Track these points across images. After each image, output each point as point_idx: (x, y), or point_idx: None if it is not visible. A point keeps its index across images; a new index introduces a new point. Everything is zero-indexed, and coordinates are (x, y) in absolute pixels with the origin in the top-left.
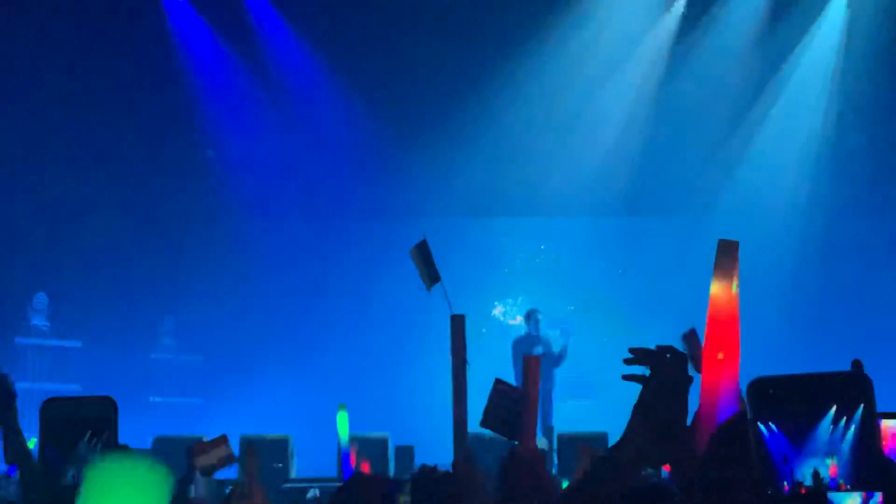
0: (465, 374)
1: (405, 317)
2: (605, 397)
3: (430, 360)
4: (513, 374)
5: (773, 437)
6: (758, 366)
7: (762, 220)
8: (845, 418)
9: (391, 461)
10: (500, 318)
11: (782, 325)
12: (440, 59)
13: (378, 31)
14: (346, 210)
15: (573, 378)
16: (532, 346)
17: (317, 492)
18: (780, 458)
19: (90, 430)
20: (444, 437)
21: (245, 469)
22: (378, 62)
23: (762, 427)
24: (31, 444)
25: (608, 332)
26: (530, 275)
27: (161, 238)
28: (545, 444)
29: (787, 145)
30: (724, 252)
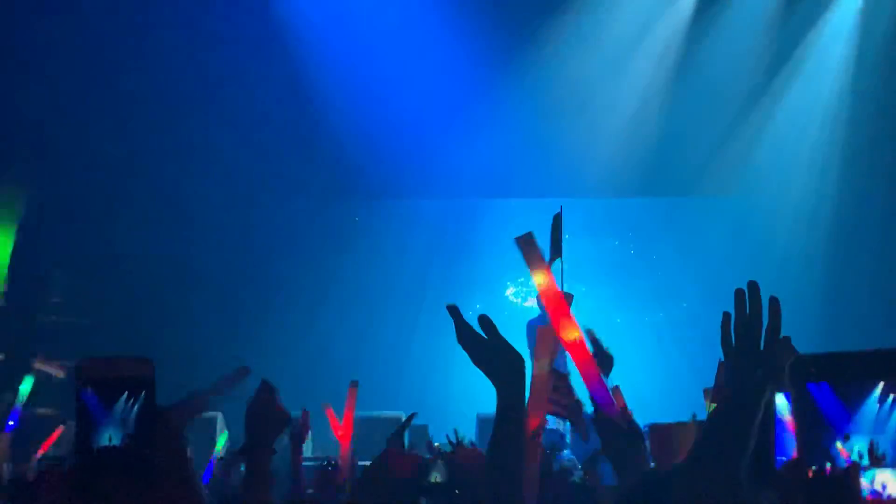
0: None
1: (419, 295)
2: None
3: (445, 339)
4: (528, 355)
5: (816, 414)
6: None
7: (779, 201)
8: (892, 396)
9: (405, 440)
10: (513, 298)
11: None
12: (452, 39)
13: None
14: (361, 188)
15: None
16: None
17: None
18: (821, 437)
19: (127, 391)
20: (457, 416)
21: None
22: (390, 44)
23: (805, 402)
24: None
25: (620, 314)
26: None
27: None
28: (560, 426)
29: (806, 124)
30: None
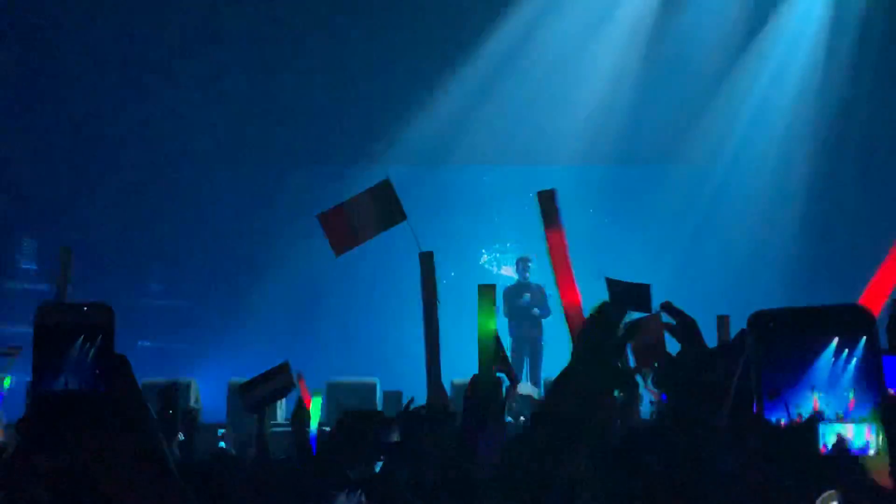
0: (436, 313)
1: (396, 263)
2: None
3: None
4: (506, 323)
5: (771, 370)
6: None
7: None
8: (847, 351)
9: (379, 406)
10: (487, 266)
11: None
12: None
13: None
14: (341, 156)
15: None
16: (522, 294)
17: None
18: (776, 391)
19: (83, 336)
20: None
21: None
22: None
23: (763, 355)
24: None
25: (596, 282)
26: (518, 223)
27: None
28: (534, 392)
29: (779, 95)
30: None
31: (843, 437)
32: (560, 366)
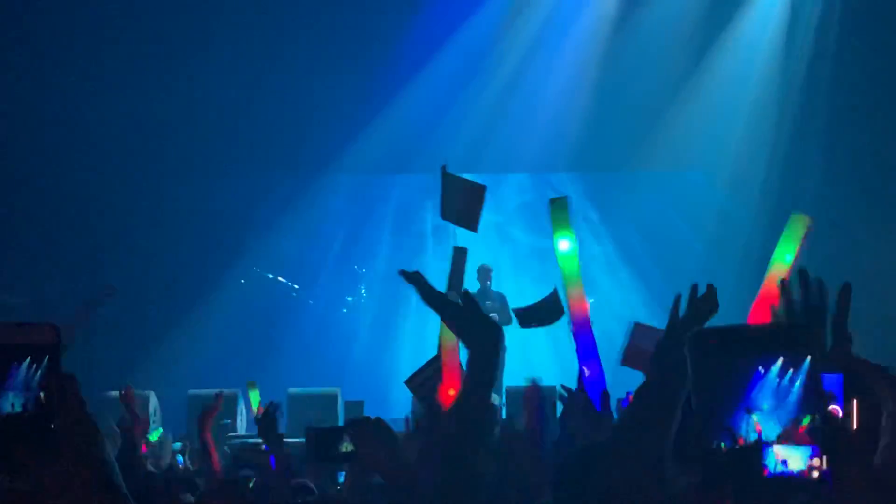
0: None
1: (353, 273)
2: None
3: (380, 316)
4: None
5: (714, 390)
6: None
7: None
8: (791, 371)
9: (340, 416)
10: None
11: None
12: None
13: None
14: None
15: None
16: (483, 302)
17: None
18: (722, 412)
19: (30, 357)
20: (392, 392)
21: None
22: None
23: (705, 376)
24: None
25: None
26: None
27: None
28: (496, 400)
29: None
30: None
31: (786, 458)
32: (518, 373)
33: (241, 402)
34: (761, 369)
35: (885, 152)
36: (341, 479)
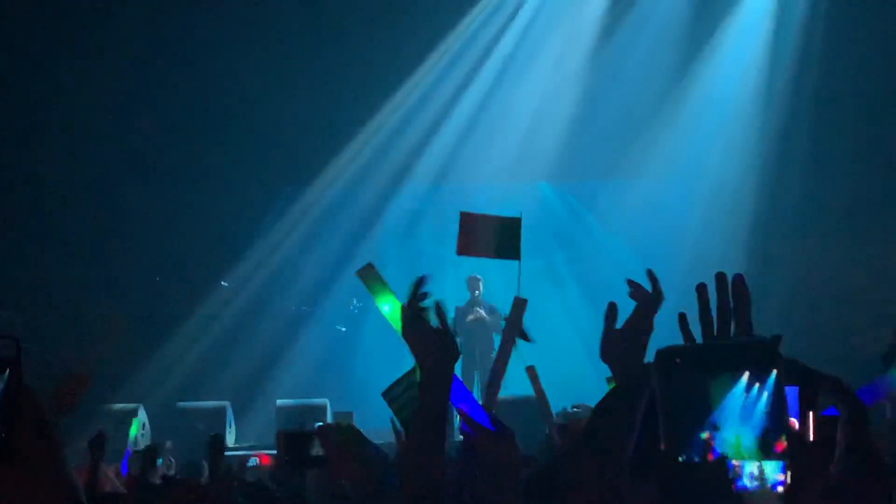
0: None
1: (345, 285)
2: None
3: (371, 327)
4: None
5: (680, 407)
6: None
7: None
8: (757, 386)
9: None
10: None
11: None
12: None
13: None
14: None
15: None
16: (473, 312)
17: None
18: (687, 427)
19: None
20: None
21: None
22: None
23: (670, 393)
24: None
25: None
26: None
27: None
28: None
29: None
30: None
31: (754, 473)
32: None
33: (230, 414)
34: (727, 385)
35: (871, 159)
36: None
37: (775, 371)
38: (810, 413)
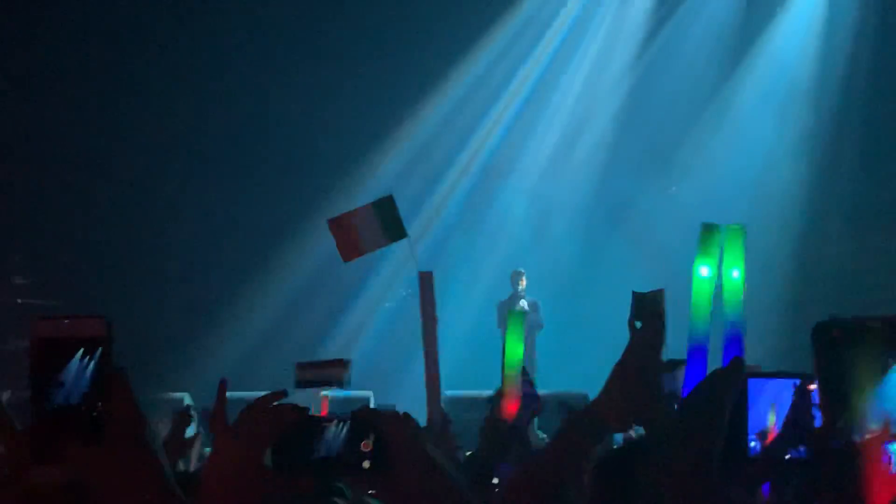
0: (435, 332)
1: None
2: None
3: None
4: (500, 333)
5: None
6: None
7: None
8: None
9: None
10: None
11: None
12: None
13: None
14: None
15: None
16: (515, 307)
17: None
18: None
19: (82, 349)
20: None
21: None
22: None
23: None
24: None
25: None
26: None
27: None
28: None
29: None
30: None
31: None
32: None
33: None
34: (891, 362)
35: None
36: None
37: None
38: None
